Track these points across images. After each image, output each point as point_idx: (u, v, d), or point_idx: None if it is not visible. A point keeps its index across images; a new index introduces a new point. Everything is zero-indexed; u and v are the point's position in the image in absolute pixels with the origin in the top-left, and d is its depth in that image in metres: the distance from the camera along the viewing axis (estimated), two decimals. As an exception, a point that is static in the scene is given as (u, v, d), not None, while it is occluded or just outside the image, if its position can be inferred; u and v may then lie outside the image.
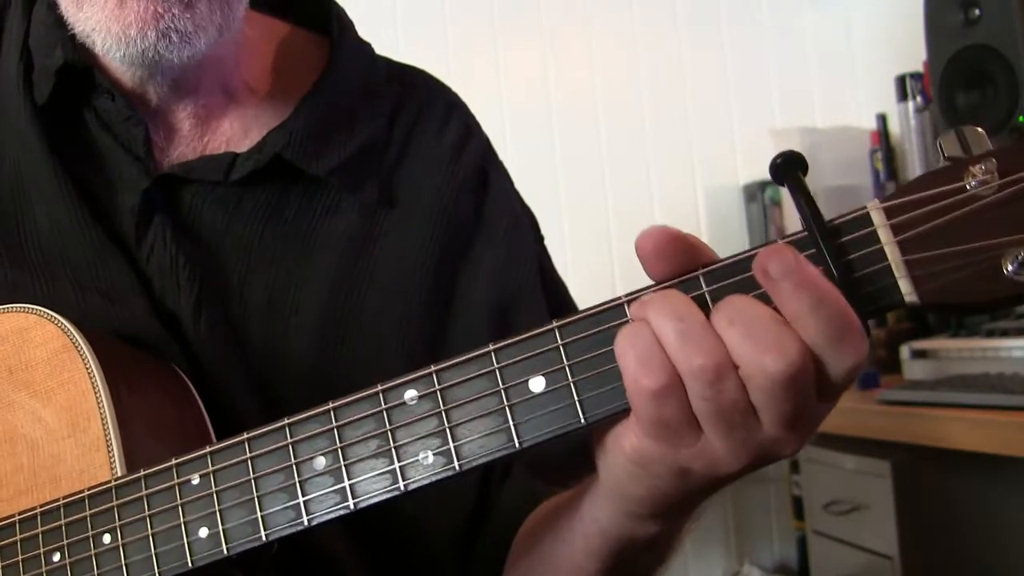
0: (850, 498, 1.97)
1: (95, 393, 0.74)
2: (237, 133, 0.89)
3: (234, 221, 0.86)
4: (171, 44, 0.79)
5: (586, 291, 0.98)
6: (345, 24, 0.95)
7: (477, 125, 0.98)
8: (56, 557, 0.71)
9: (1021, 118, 1.81)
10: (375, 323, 0.87)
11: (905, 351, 2.01)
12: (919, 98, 2.39)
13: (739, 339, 0.54)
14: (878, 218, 0.56)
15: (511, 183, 0.98)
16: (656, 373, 0.55)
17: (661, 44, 2.69)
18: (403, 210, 0.90)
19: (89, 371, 0.75)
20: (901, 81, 2.43)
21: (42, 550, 0.71)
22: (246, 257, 0.86)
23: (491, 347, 0.61)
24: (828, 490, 2.06)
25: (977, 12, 1.89)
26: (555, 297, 0.96)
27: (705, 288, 0.57)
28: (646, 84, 2.67)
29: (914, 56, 2.29)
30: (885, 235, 0.55)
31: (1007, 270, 0.53)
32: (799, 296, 0.54)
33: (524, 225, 0.97)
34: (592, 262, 2.48)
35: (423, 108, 0.95)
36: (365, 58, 0.95)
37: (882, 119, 2.56)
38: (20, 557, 0.72)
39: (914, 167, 2.41)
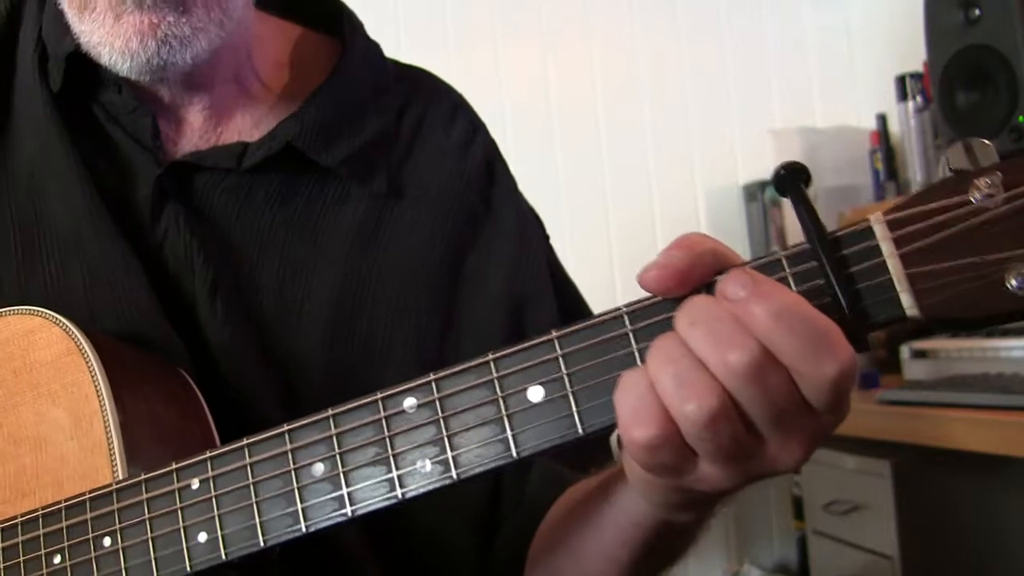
0: (850, 498, 1.98)
1: (98, 396, 0.75)
2: (249, 126, 0.90)
3: (245, 209, 0.87)
4: (172, 49, 0.80)
5: (586, 291, 0.99)
6: (356, 25, 0.96)
7: (482, 124, 0.99)
8: (57, 559, 0.71)
9: (1021, 118, 1.81)
10: (385, 311, 0.87)
11: (905, 351, 2.01)
12: (919, 98, 2.39)
13: (700, 342, 0.53)
14: (880, 231, 0.55)
15: (515, 183, 0.99)
16: (646, 425, 0.54)
17: (661, 44, 2.69)
18: (411, 201, 0.91)
19: (93, 374, 0.75)
20: (901, 81, 2.43)
21: (43, 552, 0.72)
22: (257, 244, 0.87)
23: (490, 356, 0.60)
24: (828, 490, 2.06)
25: (977, 12, 1.89)
26: (566, 294, 0.97)
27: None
28: (646, 84, 2.67)
29: (914, 56, 2.29)
30: (887, 248, 0.54)
31: (1010, 285, 0.52)
32: (759, 308, 0.53)
33: (532, 222, 0.98)
34: (592, 262, 2.48)
35: (430, 106, 0.97)
36: (375, 58, 0.97)
37: (882, 119, 2.56)
38: (22, 559, 0.72)
39: (914, 167, 2.41)
